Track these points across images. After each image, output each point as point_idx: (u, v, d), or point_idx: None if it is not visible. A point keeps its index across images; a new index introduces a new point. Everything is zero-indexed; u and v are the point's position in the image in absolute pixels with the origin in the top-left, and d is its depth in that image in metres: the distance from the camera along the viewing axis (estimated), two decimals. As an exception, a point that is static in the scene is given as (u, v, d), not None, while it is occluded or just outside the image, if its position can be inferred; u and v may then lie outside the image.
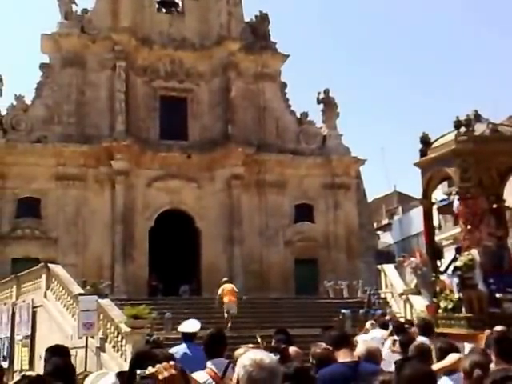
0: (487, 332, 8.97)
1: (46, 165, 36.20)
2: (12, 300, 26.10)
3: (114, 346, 18.44)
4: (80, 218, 36.31)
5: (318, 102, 42.12)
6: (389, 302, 28.23)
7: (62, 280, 22.89)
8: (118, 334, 18.28)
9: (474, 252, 13.23)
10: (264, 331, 14.02)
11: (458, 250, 14.02)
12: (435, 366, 6.15)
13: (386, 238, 54.85)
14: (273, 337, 8.07)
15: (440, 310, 13.33)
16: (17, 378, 4.88)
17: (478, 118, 14.32)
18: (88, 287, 24.48)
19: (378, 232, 53.51)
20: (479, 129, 13.93)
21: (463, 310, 12.83)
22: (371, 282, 32.67)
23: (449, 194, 34.55)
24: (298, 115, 42.20)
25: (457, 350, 6.65)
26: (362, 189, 43.56)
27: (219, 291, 25.27)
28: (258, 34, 42.05)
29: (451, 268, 13.68)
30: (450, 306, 13.14)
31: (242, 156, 38.36)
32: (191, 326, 9.12)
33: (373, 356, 6.39)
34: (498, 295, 12.89)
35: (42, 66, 38.76)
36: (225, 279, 26.82)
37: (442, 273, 14.06)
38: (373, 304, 28.13)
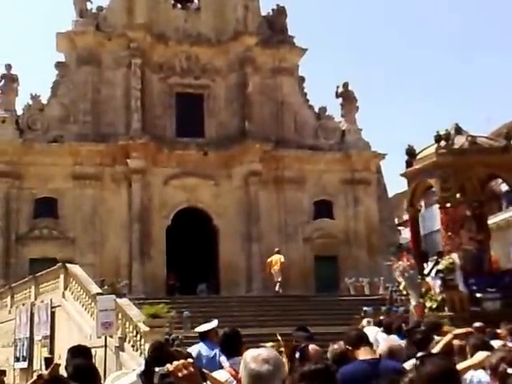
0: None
1: (63, 164, 36.22)
2: (31, 300, 26.09)
3: (133, 346, 18.28)
4: (97, 218, 36.24)
5: (337, 96, 41.57)
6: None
7: (80, 280, 22.79)
8: (137, 333, 18.12)
9: (455, 256, 14.37)
10: (284, 329, 13.69)
11: (440, 255, 15.17)
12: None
13: (408, 234, 54.12)
14: (292, 334, 7.78)
15: (426, 310, 14.39)
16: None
17: (458, 130, 15.59)
18: (106, 287, 24.28)
19: (400, 228, 52.79)
20: (459, 141, 15.10)
21: (446, 309, 13.92)
22: (393, 278, 32.12)
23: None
24: (317, 110, 41.75)
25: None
26: (383, 184, 42.94)
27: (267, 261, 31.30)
28: (275, 28, 41.69)
29: (434, 271, 14.77)
30: (434, 306, 14.22)
31: (260, 152, 37.98)
32: (205, 324, 8.97)
33: (394, 354, 6.35)
34: (478, 295, 14.08)
35: (58, 65, 38.74)
36: (276, 249, 31.21)
37: (426, 275, 15.09)
38: (395, 301, 27.69)
